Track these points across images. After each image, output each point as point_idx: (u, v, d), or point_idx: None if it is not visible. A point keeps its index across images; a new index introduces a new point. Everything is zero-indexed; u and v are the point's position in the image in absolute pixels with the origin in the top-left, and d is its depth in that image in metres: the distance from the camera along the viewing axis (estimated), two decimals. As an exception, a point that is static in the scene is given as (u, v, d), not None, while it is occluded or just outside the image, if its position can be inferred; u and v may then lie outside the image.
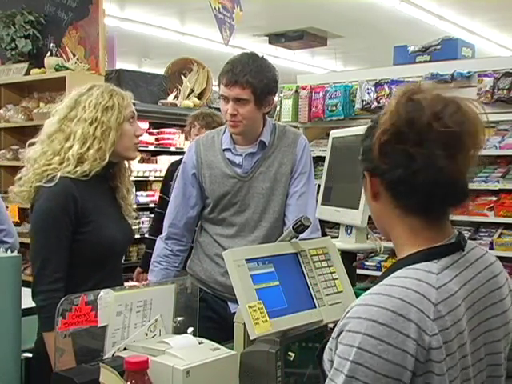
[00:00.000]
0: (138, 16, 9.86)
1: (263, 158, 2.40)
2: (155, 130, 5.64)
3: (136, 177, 5.10)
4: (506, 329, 1.19)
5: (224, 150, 2.41)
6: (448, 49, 4.89)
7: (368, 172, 1.17)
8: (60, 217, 1.97)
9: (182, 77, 5.77)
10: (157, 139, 5.67)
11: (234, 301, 1.64)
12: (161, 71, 6.13)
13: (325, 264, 1.74)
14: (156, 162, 5.66)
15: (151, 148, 5.58)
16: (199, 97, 5.78)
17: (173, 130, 5.71)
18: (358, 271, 2.19)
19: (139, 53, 12.47)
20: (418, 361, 1.02)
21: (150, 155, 5.68)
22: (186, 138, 5.69)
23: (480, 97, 4.28)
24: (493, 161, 4.57)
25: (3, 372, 1.82)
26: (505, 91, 4.21)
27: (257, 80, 2.25)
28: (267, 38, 10.93)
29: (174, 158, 5.14)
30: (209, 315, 2.33)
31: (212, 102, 5.87)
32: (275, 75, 2.34)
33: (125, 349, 1.59)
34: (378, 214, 1.20)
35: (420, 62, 4.90)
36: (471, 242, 1.22)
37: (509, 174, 4.37)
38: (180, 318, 1.75)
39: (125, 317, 1.61)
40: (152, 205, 5.35)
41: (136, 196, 5.12)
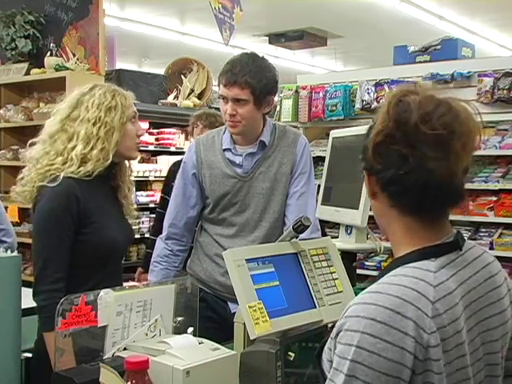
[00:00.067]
0: (138, 16, 9.86)
1: (263, 157, 2.40)
2: (155, 130, 5.65)
3: (136, 177, 5.09)
4: (504, 328, 1.19)
5: (224, 149, 2.41)
6: (448, 49, 4.89)
7: (366, 171, 1.17)
8: (62, 217, 1.97)
9: (182, 77, 5.77)
10: (157, 139, 5.67)
11: (234, 301, 1.64)
12: (161, 71, 6.13)
13: (325, 264, 1.74)
14: (156, 162, 5.66)
15: (151, 148, 5.58)
16: (199, 97, 5.78)
17: (173, 130, 5.71)
18: (358, 271, 2.19)
19: (139, 53, 12.47)
20: (416, 358, 1.02)
21: (149, 155, 5.67)
22: (186, 138, 5.70)
23: (480, 97, 4.29)
24: (493, 161, 4.58)
25: (3, 372, 1.82)
26: (505, 91, 4.21)
27: (256, 80, 2.25)
28: (267, 38, 10.93)
29: (174, 158, 5.14)
30: (209, 315, 2.33)
31: (212, 102, 5.87)
32: (275, 75, 2.34)
33: (125, 349, 1.59)
34: (377, 213, 1.21)
35: (420, 62, 4.90)
36: (469, 241, 1.22)
37: (509, 174, 4.37)
38: (180, 318, 1.75)
39: (125, 317, 1.61)
40: (152, 205, 5.35)
41: (136, 196, 5.11)
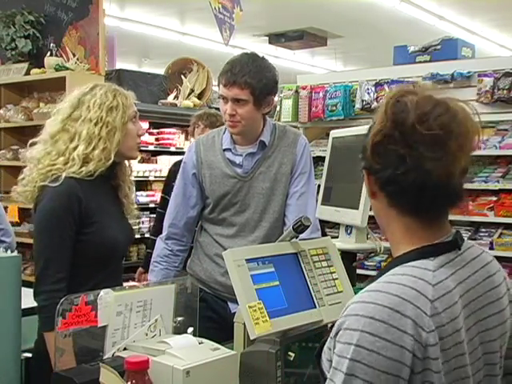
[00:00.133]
0: (138, 16, 9.86)
1: (263, 158, 2.40)
2: (155, 130, 5.65)
3: (136, 177, 5.09)
4: (503, 328, 1.19)
5: (224, 149, 2.41)
6: (448, 49, 4.89)
7: (365, 170, 1.18)
8: (64, 217, 1.97)
9: (182, 77, 5.77)
10: (157, 139, 5.67)
11: (234, 301, 1.64)
12: (161, 71, 6.13)
13: (325, 264, 1.74)
14: (156, 162, 5.66)
15: (151, 148, 5.58)
16: (199, 97, 5.78)
17: (173, 130, 5.71)
18: (358, 271, 2.19)
19: (139, 53, 12.47)
20: (415, 357, 1.02)
21: (150, 155, 5.67)
22: (186, 138, 5.70)
23: (480, 97, 4.29)
24: (493, 161, 4.58)
25: (3, 372, 1.82)
26: (505, 91, 4.21)
27: (255, 80, 2.25)
28: (267, 38, 10.93)
29: (174, 157, 5.14)
30: (209, 315, 2.33)
31: (212, 102, 5.87)
32: (275, 76, 2.34)
33: (125, 349, 1.59)
34: (377, 212, 1.21)
35: (420, 62, 4.90)
36: (468, 241, 1.22)
37: (509, 174, 4.37)
38: (180, 318, 1.75)
39: (125, 317, 1.61)
40: (152, 205, 5.35)
41: (136, 196, 5.11)
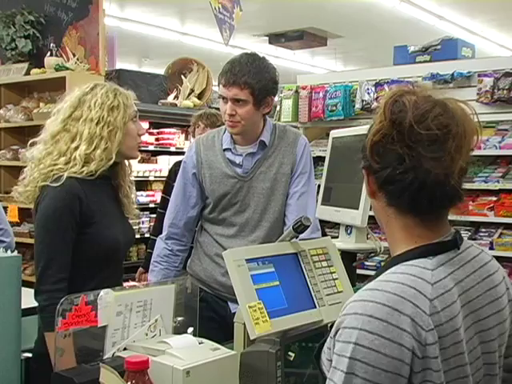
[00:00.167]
0: (138, 16, 9.86)
1: (263, 157, 2.40)
2: (155, 130, 5.65)
3: (136, 177, 5.09)
4: (502, 327, 1.19)
5: (224, 149, 2.41)
6: (448, 49, 4.89)
7: (365, 170, 1.18)
8: (65, 217, 1.96)
9: (182, 77, 5.77)
10: (157, 139, 5.67)
11: (235, 301, 1.64)
12: (161, 71, 6.13)
13: (325, 264, 1.74)
14: (156, 162, 5.66)
15: (151, 148, 5.58)
16: (199, 97, 5.78)
17: (173, 130, 5.71)
18: (358, 271, 2.19)
19: (139, 53, 12.47)
20: (415, 355, 1.02)
21: (150, 155, 5.67)
22: (186, 138, 5.70)
23: (480, 97, 4.29)
24: (493, 161, 4.58)
25: (3, 372, 1.82)
26: (505, 91, 4.21)
27: (255, 81, 2.25)
28: (267, 38, 10.93)
29: (174, 157, 5.14)
30: (209, 315, 2.32)
31: (212, 102, 5.87)
32: (275, 76, 2.34)
33: (125, 349, 1.59)
34: (376, 211, 1.21)
35: (420, 62, 4.90)
36: (467, 240, 1.22)
37: (509, 174, 4.37)
38: (180, 318, 1.75)
39: (125, 317, 1.61)
40: (152, 205, 5.36)
41: (136, 196, 5.10)
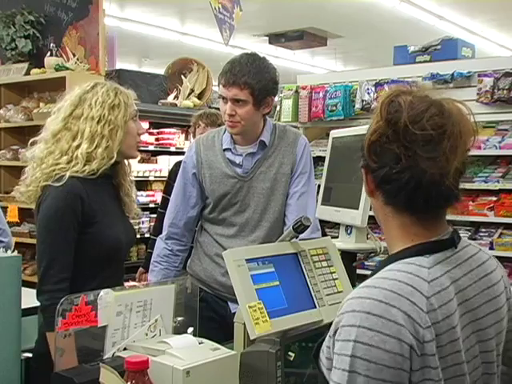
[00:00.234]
0: (138, 16, 9.86)
1: (263, 157, 2.40)
2: (155, 130, 5.65)
3: (136, 177, 5.08)
4: (500, 326, 1.19)
5: (224, 149, 2.41)
6: (448, 49, 4.89)
7: (364, 169, 1.18)
8: (67, 217, 1.96)
9: (182, 77, 5.77)
10: (157, 139, 5.67)
11: (235, 301, 1.64)
12: (161, 71, 6.13)
13: (325, 264, 1.74)
14: (156, 162, 5.66)
15: (151, 148, 5.58)
16: (199, 97, 5.78)
17: (173, 130, 5.71)
18: (358, 271, 2.18)
19: (139, 53, 12.47)
20: (414, 351, 1.02)
21: (150, 155, 5.67)
22: (186, 138, 5.70)
23: (480, 97, 4.29)
24: (493, 161, 4.58)
25: (3, 372, 1.82)
26: (505, 91, 4.21)
27: (255, 81, 2.25)
28: (267, 38, 10.94)
29: (174, 157, 5.14)
30: (209, 315, 2.32)
31: (212, 102, 5.87)
32: (275, 76, 2.33)
33: (125, 349, 1.59)
34: (375, 210, 1.22)
35: (420, 62, 4.90)
36: (465, 239, 1.22)
37: (509, 174, 4.37)
38: (180, 318, 1.75)
39: (125, 317, 1.61)
40: (152, 205, 5.36)
41: (137, 195, 5.10)
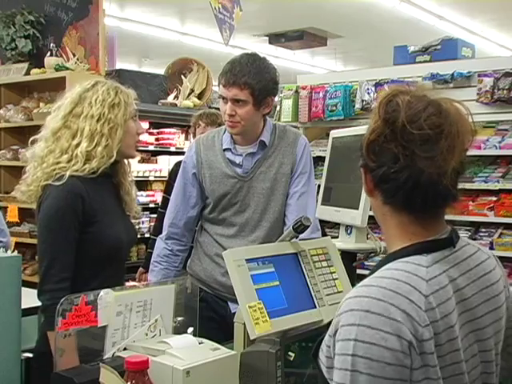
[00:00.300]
0: (138, 16, 9.86)
1: (263, 158, 2.40)
2: (155, 130, 5.64)
3: (136, 177, 5.08)
4: (498, 325, 1.19)
5: (224, 149, 2.41)
6: (448, 49, 4.89)
7: (363, 168, 1.18)
8: (68, 216, 1.96)
9: (182, 77, 5.76)
10: (157, 139, 5.67)
11: (235, 301, 1.64)
12: (161, 71, 6.13)
13: (325, 264, 1.74)
14: (156, 162, 5.65)
15: (151, 148, 5.58)
16: (199, 97, 5.78)
17: (173, 130, 5.70)
18: (358, 271, 2.18)
19: (139, 53, 12.47)
20: (413, 348, 1.01)
21: (150, 155, 5.67)
22: (186, 138, 5.70)
23: (480, 97, 4.29)
24: (493, 161, 4.57)
25: (3, 372, 1.82)
26: (505, 91, 4.20)
27: (255, 81, 2.25)
28: (267, 38, 10.94)
29: (174, 157, 5.14)
30: (209, 315, 2.33)
31: (212, 102, 5.87)
32: (275, 76, 2.33)
33: (125, 349, 1.59)
34: (374, 209, 1.22)
35: (420, 62, 4.90)
36: (464, 239, 1.22)
37: (509, 174, 4.37)
38: (180, 318, 1.75)
39: (125, 317, 1.61)
40: (152, 205, 5.35)
41: (137, 195, 5.09)
